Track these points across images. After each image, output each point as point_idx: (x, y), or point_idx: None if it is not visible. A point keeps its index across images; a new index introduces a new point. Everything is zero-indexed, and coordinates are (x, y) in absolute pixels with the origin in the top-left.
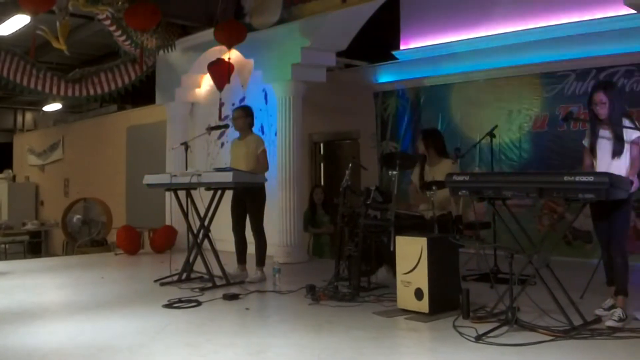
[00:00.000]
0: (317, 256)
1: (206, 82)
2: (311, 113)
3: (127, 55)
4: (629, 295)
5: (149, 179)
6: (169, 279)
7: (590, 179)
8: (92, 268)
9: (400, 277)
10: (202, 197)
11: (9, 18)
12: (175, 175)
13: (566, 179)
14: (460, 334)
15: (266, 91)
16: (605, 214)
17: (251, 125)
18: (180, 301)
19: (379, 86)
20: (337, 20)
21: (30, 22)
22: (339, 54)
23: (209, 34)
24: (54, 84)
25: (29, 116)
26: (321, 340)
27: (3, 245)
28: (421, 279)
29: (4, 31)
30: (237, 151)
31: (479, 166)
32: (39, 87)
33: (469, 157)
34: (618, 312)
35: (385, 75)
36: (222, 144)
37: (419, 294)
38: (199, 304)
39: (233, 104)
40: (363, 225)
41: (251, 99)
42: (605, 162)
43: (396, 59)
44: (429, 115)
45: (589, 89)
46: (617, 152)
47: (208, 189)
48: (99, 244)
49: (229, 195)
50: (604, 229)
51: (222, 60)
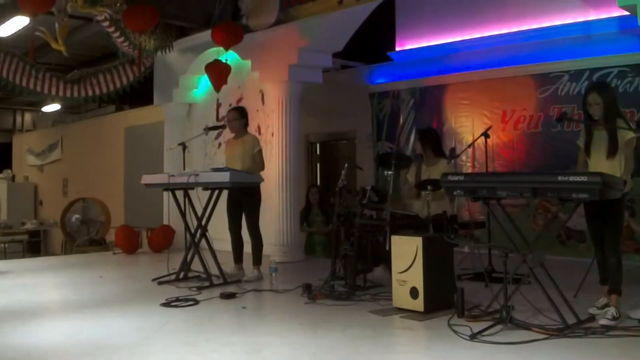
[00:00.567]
0: (310, 254)
1: (204, 83)
2: (308, 114)
3: (125, 56)
4: (622, 294)
5: (147, 179)
6: (166, 278)
7: (584, 179)
8: (90, 267)
9: (395, 276)
10: (199, 197)
11: (8, 19)
12: (173, 175)
13: (560, 178)
14: (455, 332)
15: (263, 92)
16: (599, 213)
17: (246, 126)
18: (178, 300)
19: (374, 87)
20: (333, 21)
21: (30, 23)
22: (335, 55)
23: (206, 35)
24: (52, 84)
25: (28, 117)
26: (317, 339)
27: (2, 245)
28: (416, 278)
29: (4, 32)
30: (232, 151)
31: (473, 166)
32: (38, 88)
33: (463, 157)
34: (611, 311)
35: (381, 76)
36: (220, 144)
37: (414, 292)
38: (196, 302)
39: (230, 105)
40: (359, 225)
41: (248, 99)
42: (599, 162)
43: (392, 60)
44: (424, 115)
45: (583, 90)
46: (611, 152)
47: (205, 188)
48: (97, 244)
49: (226, 194)
50: (597, 228)
51: (220, 61)
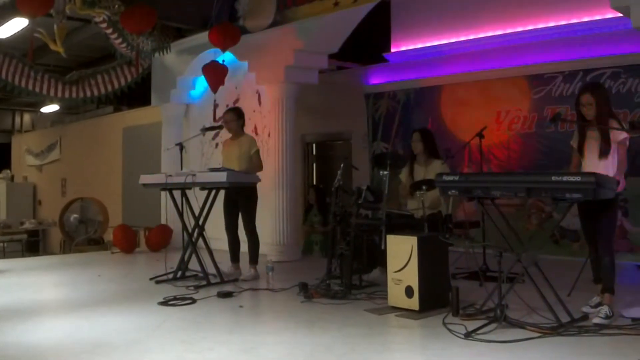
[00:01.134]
0: (308, 254)
1: (201, 84)
2: (304, 114)
3: (123, 57)
4: (615, 293)
5: (144, 178)
6: (164, 277)
7: (578, 179)
8: (89, 266)
9: (391, 275)
10: (196, 197)
11: (7, 21)
12: (170, 175)
13: (554, 178)
14: (450, 330)
15: (259, 93)
16: (592, 213)
17: (243, 126)
18: (175, 299)
19: (370, 88)
20: (329, 23)
21: (28, 25)
22: (331, 56)
23: (203, 36)
24: (51, 85)
25: (27, 117)
26: (313, 337)
27: (1, 244)
28: (411, 277)
29: (3, 34)
30: (229, 151)
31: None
32: (37, 89)
33: (458, 157)
34: (605, 310)
35: (377, 77)
36: (217, 145)
37: (409, 291)
38: (193, 301)
39: (227, 105)
40: (355, 225)
41: (245, 100)
42: (593, 162)
43: (387, 61)
44: (419, 116)
45: (576, 91)
46: (604, 153)
47: (203, 188)
48: (95, 243)
49: (223, 194)
50: (591, 228)
51: (217, 62)
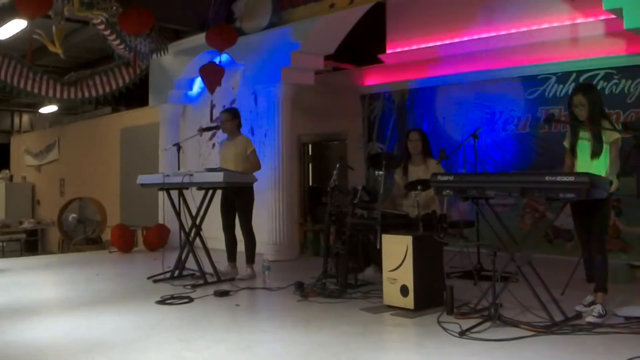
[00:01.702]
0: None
1: (198, 85)
2: (300, 115)
3: (121, 58)
4: (608, 292)
5: (142, 179)
6: (161, 276)
7: (571, 179)
8: (87, 265)
9: (386, 274)
10: (194, 197)
11: (6, 23)
12: (168, 175)
13: (547, 179)
14: (445, 329)
15: (256, 93)
16: (585, 213)
17: (239, 127)
18: (172, 298)
19: (365, 89)
20: (325, 24)
21: (27, 26)
22: (327, 57)
23: (200, 38)
24: (50, 86)
25: (25, 118)
26: (309, 336)
27: (1, 244)
28: (406, 276)
29: (2, 35)
30: (226, 152)
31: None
32: (36, 90)
33: (453, 158)
34: (598, 309)
35: (372, 78)
36: (214, 145)
37: (404, 290)
38: (190, 300)
39: (224, 106)
40: (350, 224)
41: (241, 101)
42: (585, 163)
43: (382, 62)
44: (414, 117)
45: (570, 92)
46: (597, 153)
47: (200, 188)
48: (93, 242)
49: (220, 194)
50: (584, 227)
51: (214, 63)
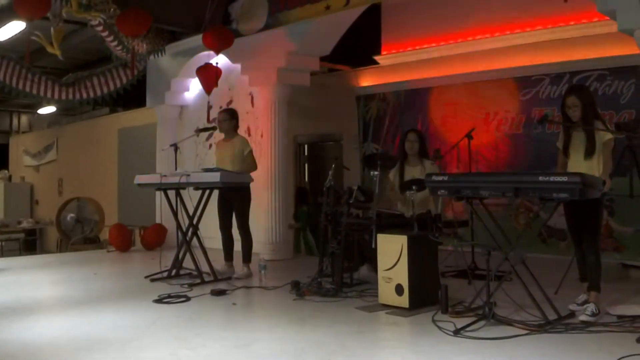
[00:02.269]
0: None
1: (195, 86)
2: (296, 116)
3: (118, 60)
4: (601, 291)
5: (140, 179)
6: (159, 275)
7: (564, 179)
8: (85, 265)
9: (381, 273)
10: (190, 197)
11: (5, 24)
12: (165, 176)
13: (541, 179)
14: (439, 328)
15: (252, 94)
16: (578, 212)
17: (236, 127)
18: (169, 296)
19: (361, 90)
20: (320, 26)
21: (26, 28)
22: (323, 58)
23: (197, 39)
24: (48, 87)
25: (24, 119)
26: (305, 334)
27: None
28: (401, 275)
29: (1, 37)
30: (223, 152)
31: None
32: (34, 91)
33: (447, 158)
34: (591, 307)
35: (367, 79)
36: (210, 145)
37: (399, 289)
38: (187, 299)
39: (220, 107)
40: (346, 224)
41: (238, 102)
42: (578, 163)
43: (377, 63)
44: (409, 117)
45: (563, 93)
46: (590, 153)
47: (197, 188)
48: (91, 242)
49: (216, 194)
50: (577, 227)
51: (210, 64)
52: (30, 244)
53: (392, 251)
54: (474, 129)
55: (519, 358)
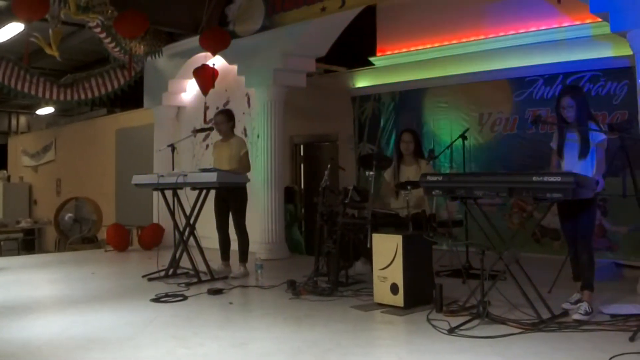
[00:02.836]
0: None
1: (192, 87)
2: (292, 116)
3: (116, 61)
4: (594, 290)
5: (137, 179)
6: (156, 275)
7: (558, 179)
8: (83, 264)
9: (376, 272)
10: (187, 197)
11: (3, 26)
12: (162, 176)
13: (535, 179)
14: (434, 326)
15: (249, 95)
16: (572, 212)
17: (233, 128)
18: (167, 296)
19: (356, 91)
20: (316, 28)
21: (24, 29)
22: (319, 60)
23: (194, 41)
24: (46, 88)
25: (22, 119)
26: (301, 333)
27: None
28: (396, 274)
29: None
30: (220, 152)
31: (451, 167)
32: (33, 92)
33: (442, 158)
34: (584, 306)
35: (363, 80)
36: (207, 146)
37: (394, 288)
38: (184, 298)
39: (217, 108)
40: (341, 223)
41: (234, 103)
42: (572, 163)
43: (373, 64)
44: (404, 118)
45: (557, 94)
46: (583, 154)
47: (194, 188)
48: (89, 241)
49: (213, 194)
50: (570, 227)
51: (207, 66)
52: (28, 243)
53: (387, 250)
54: (468, 129)
55: (512, 356)
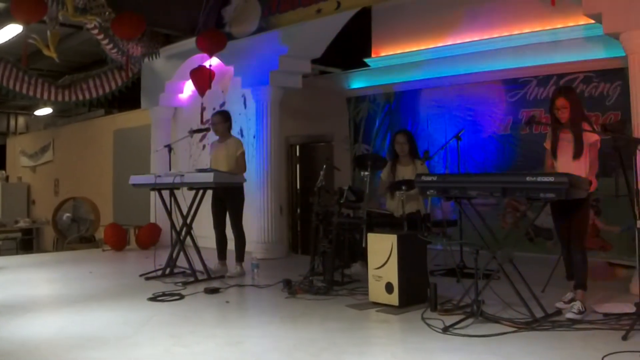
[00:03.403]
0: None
1: (189, 88)
2: (288, 117)
3: (114, 62)
4: (587, 289)
5: (134, 179)
6: (153, 274)
7: (551, 179)
8: (81, 263)
9: (371, 271)
10: (184, 197)
11: (2, 27)
12: (159, 176)
13: (528, 179)
14: (429, 325)
15: (245, 96)
16: (565, 212)
17: (230, 129)
18: (164, 295)
19: (351, 92)
20: (312, 29)
21: (23, 31)
22: (314, 61)
23: (191, 42)
24: (44, 89)
25: (21, 120)
26: (297, 332)
27: None
28: (391, 273)
29: None
30: (217, 153)
31: (446, 167)
32: (31, 93)
33: (436, 159)
34: (577, 305)
35: (358, 82)
36: (204, 146)
37: (389, 287)
38: (181, 297)
39: (214, 109)
40: (336, 223)
41: (231, 103)
42: (566, 164)
43: (368, 66)
44: (399, 119)
45: (550, 94)
46: (577, 154)
47: (190, 188)
48: (87, 241)
49: (210, 194)
50: (564, 226)
51: (204, 67)
52: (27, 243)
53: (382, 250)
54: (462, 130)
55: (506, 355)
